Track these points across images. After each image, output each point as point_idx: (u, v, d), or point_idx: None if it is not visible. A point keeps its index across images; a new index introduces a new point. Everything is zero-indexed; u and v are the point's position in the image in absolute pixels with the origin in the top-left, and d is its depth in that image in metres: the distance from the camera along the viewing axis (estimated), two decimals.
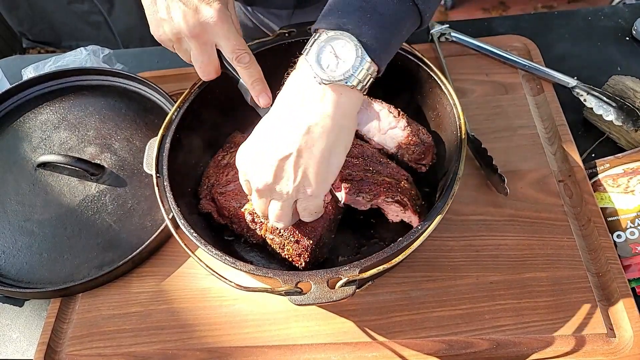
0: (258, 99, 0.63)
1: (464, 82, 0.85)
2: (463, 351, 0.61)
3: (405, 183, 0.65)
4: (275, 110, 0.53)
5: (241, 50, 0.61)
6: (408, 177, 0.66)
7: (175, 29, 0.58)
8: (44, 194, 0.78)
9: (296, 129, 0.49)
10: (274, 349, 0.64)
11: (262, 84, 0.63)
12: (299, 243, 0.62)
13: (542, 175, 0.73)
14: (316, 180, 0.51)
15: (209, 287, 0.69)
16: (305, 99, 0.50)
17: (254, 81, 0.62)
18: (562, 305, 0.63)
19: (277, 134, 0.51)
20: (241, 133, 0.78)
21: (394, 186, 0.64)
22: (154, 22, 0.61)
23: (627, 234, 0.67)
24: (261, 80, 0.63)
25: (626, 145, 0.76)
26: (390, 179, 0.64)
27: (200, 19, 0.57)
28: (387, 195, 0.64)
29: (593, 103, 0.77)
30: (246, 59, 0.61)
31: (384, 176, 0.64)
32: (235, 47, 0.60)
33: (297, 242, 0.62)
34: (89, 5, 2.07)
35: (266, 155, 0.51)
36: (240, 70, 0.62)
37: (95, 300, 0.70)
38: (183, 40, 0.60)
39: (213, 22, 0.57)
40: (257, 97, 0.63)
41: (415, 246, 0.54)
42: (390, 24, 0.50)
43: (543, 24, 0.96)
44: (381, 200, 0.64)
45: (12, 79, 0.99)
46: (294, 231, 0.62)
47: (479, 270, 0.66)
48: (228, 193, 0.69)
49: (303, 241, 0.62)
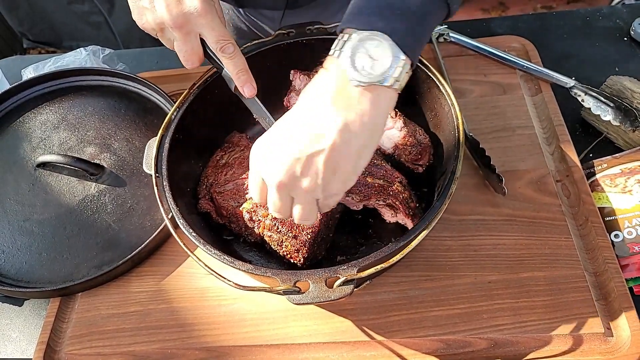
0: (242, 89, 0.63)
1: (462, 83, 0.85)
2: (461, 350, 0.62)
3: (398, 186, 0.64)
4: (302, 108, 0.50)
5: (225, 40, 0.60)
6: (402, 179, 0.66)
7: (158, 18, 0.58)
8: (43, 193, 0.78)
9: (331, 125, 0.47)
10: (273, 348, 0.64)
11: (247, 74, 0.63)
12: (297, 238, 0.62)
13: (540, 175, 0.74)
14: (343, 179, 0.50)
15: (208, 287, 0.70)
16: (340, 98, 0.48)
17: (239, 71, 0.62)
18: (559, 305, 0.63)
19: (307, 130, 0.48)
20: (239, 133, 0.78)
21: (385, 189, 0.64)
22: (136, 9, 0.60)
23: (625, 233, 0.68)
24: (245, 71, 0.63)
25: (624, 145, 0.76)
26: (383, 182, 0.64)
27: (184, 10, 0.57)
28: (377, 198, 0.64)
29: (591, 103, 0.78)
30: (230, 49, 0.61)
31: (377, 178, 0.64)
32: (219, 37, 0.60)
33: (295, 237, 0.62)
34: (89, 5, 2.07)
35: (292, 150, 0.48)
36: (225, 60, 0.62)
37: (94, 299, 0.71)
38: (166, 30, 0.60)
39: (197, 13, 0.57)
40: (241, 88, 0.63)
41: (413, 246, 0.54)
42: (420, 18, 0.49)
43: (541, 25, 0.97)
44: (373, 202, 0.65)
45: (12, 79, 1.00)
46: (291, 227, 0.62)
47: (477, 270, 0.66)
48: (226, 192, 0.69)
49: (301, 236, 0.62)
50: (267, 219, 0.64)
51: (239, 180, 0.70)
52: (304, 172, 0.48)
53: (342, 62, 0.47)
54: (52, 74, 0.90)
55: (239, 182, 0.70)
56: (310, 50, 0.76)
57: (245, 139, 0.76)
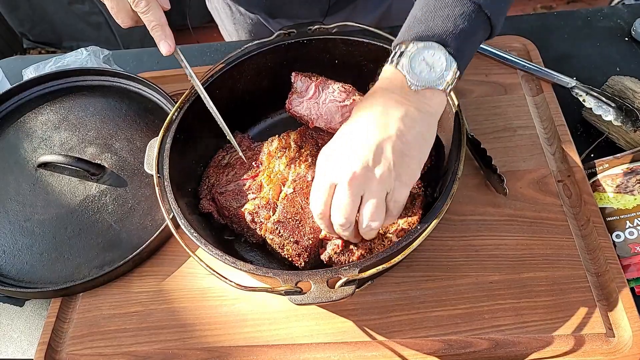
0: (159, 45, 0.63)
1: (463, 83, 0.85)
2: (462, 351, 0.62)
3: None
4: (363, 110, 0.54)
5: None
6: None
7: None
8: (44, 194, 0.78)
9: (394, 114, 0.52)
10: (274, 349, 0.64)
11: (162, 30, 0.62)
12: (299, 243, 0.62)
13: (541, 176, 0.73)
14: (412, 167, 0.53)
15: (209, 287, 0.69)
16: (398, 97, 0.53)
17: (153, 27, 0.62)
18: (561, 305, 0.63)
19: (371, 124, 0.52)
20: (241, 133, 0.78)
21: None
22: None
23: (626, 234, 0.68)
24: (160, 27, 0.62)
25: (625, 146, 0.76)
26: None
27: None
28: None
29: (592, 103, 0.78)
30: (142, 4, 0.61)
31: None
32: None
33: (297, 242, 0.62)
34: (89, 5, 2.08)
35: (361, 142, 0.51)
36: (141, 17, 0.62)
37: (95, 300, 0.71)
38: None
39: None
40: (158, 44, 0.63)
41: (414, 246, 0.54)
42: (469, 35, 0.54)
43: (542, 25, 0.97)
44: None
45: (13, 79, 0.99)
46: (293, 231, 0.62)
47: (478, 270, 0.66)
48: (228, 193, 0.69)
49: (303, 241, 0.62)
50: (269, 221, 0.64)
51: (241, 181, 0.70)
52: (376, 159, 0.51)
53: (403, 69, 0.53)
54: (53, 74, 0.90)
55: (241, 183, 0.70)
56: (310, 50, 0.76)
57: (247, 139, 0.76)
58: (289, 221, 0.63)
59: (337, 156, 0.53)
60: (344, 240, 0.60)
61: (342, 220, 0.53)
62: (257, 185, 0.69)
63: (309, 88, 0.71)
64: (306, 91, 0.71)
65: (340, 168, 0.51)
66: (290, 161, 0.69)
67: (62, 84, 0.90)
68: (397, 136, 0.51)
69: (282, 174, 0.68)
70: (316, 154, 0.66)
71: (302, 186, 0.66)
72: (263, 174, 0.69)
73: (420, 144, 0.53)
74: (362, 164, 0.50)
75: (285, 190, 0.66)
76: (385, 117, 0.52)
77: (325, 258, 0.62)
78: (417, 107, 0.53)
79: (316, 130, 0.72)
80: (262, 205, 0.66)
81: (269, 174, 0.69)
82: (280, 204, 0.65)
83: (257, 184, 0.69)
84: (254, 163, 0.71)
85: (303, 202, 0.65)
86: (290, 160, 0.69)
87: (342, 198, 0.52)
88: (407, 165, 0.52)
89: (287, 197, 0.65)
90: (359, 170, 0.50)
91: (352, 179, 0.50)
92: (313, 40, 0.75)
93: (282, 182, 0.67)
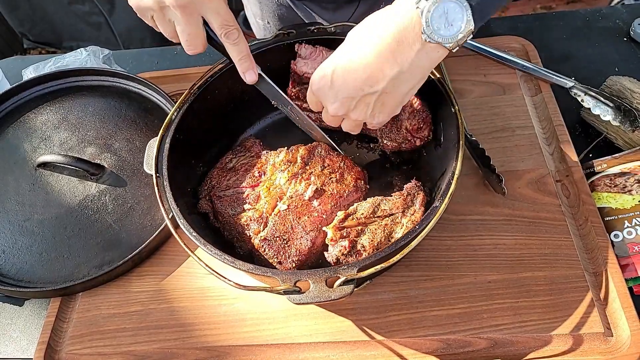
0: (244, 75, 0.65)
1: (462, 83, 0.86)
2: (461, 350, 0.62)
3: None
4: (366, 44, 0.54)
5: (230, 26, 0.61)
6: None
7: None
8: (44, 193, 0.78)
9: (387, 73, 0.53)
10: (273, 348, 0.64)
11: (249, 61, 0.64)
12: (282, 264, 0.63)
13: (539, 175, 0.74)
14: (388, 113, 0.59)
15: (208, 286, 0.70)
16: (402, 49, 0.52)
17: (242, 58, 0.63)
18: (559, 305, 0.63)
19: (365, 73, 0.54)
20: (254, 138, 0.77)
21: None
22: None
23: (625, 233, 0.68)
24: (248, 57, 0.64)
25: (623, 146, 0.76)
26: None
27: None
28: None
29: (591, 103, 0.78)
30: (235, 35, 0.62)
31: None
32: (224, 22, 0.60)
33: (280, 263, 0.63)
34: (89, 6, 2.08)
35: (350, 90, 0.55)
36: (229, 46, 0.62)
37: (95, 299, 0.71)
38: (167, 9, 0.58)
39: None
40: (243, 74, 0.65)
41: (413, 245, 0.54)
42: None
43: (541, 25, 0.97)
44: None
45: (13, 79, 1.00)
46: (278, 252, 0.63)
47: (477, 270, 0.66)
48: (225, 198, 0.69)
49: (286, 263, 0.63)
50: (257, 237, 0.64)
51: (240, 189, 0.70)
52: (357, 106, 0.57)
53: (422, 15, 0.50)
54: (53, 74, 0.90)
55: (240, 190, 0.70)
56: None
57: (258, 145, 0.76)
58: (276, 240, 0.63)
59: (329, 92, 0.57)
60: (350, 241, 0.61)
61: (331, 123, 0.63)
62: (255, 195, 0.68)
63: (312, 53, 0.74)
64: (310, 55, 0.74)
65: (328, 102, 0.58)
66: (292, 176, 0.68)
67: (62, 84, 0.91)
68: (382, 94, 0.55)
69: (282, 188, 0.68)
70: (320, 174, 0.67)
71: (297, 204, 0.65)
72: (263, 185, 0.69)
73: (403, 96, 0.57)
74: (345, 107, 0.57)
75: (280, 206, 0.66)
76: (378, 72, 0.53)
77: (332, 259, 0.62)
78: (414, 65, 0.53)
79: (326, 150, 0.72)
80: (254, 218, 0.65)
81: (269, 186, 0.69)
82: (271, 219, 0.65)
83: (255, 195, 0.68)
84: (257, 172, 0.71)
85: (294, 221, 0.64)
86: (293, 175, 0.68)
87: (326, 116, 0.61)
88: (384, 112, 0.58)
89: (280, 213, 0.65)
90: (341, 112, 0.58)
91: (334, 113, 0.58)
92: (312, 40, 0.75)
93: (279, 197, 0.67)
